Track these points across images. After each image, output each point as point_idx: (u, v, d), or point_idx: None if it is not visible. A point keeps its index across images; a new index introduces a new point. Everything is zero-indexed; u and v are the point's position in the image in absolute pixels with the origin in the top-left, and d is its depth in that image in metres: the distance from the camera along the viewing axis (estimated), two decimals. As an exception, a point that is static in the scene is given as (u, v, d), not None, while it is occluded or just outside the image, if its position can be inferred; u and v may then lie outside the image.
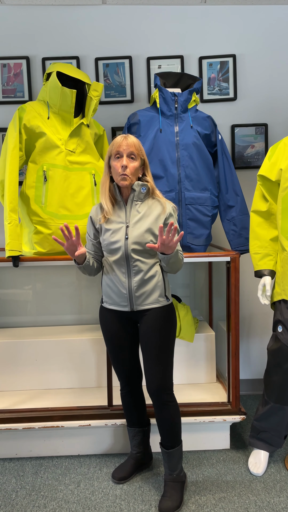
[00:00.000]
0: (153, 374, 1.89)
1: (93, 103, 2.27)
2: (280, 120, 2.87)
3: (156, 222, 1.85)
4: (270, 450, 2.20)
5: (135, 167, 1.83)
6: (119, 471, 2.11)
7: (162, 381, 1.89)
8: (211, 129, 2.43)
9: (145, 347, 1.90)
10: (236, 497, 1.99)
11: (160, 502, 1.91)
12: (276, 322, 2.09)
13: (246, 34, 2.82)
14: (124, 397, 2.09)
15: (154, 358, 1.89)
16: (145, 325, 1.90)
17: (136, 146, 1.84)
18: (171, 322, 1.94)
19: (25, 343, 2.52)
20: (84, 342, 2.54)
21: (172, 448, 1.93)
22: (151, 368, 1.89)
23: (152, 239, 1.85)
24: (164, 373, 1.90)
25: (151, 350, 1.89)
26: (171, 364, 1.93)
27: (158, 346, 1.89)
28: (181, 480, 1.97)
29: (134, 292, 1.88)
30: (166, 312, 1.92)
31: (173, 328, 1.94)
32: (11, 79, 2.79)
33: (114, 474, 2.11)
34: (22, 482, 2.12)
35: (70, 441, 2.32)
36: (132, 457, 2.15)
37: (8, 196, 2.16)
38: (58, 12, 2.78)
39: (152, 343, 1.89)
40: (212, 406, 2.31)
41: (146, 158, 1.90)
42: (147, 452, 2.17)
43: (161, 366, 1.89)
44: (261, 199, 2.17)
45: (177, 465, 1.95)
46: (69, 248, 1.81)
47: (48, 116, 2.26)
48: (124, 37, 2.80)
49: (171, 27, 2.80)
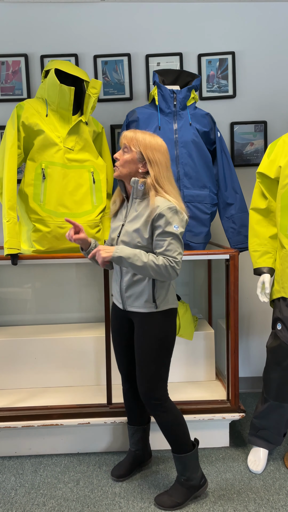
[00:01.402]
0: (139, 379, 1.87)
1: (91, 101, 2.26)
2: (279, 118, 2.87)
3: (145, 224, 1.76)
4: (269, 448, 2.20)
5: (126, 160, 1.79)
6: (118, 469, 2.12)
7: (148, 389, 1.86)
8: (210, 126, 2.43)
9: (135, 350, 1.89)
10: (235, 495, 1.99)
11: (159, 494, 1.94)
12: (275, 320, 2.09)
13: (245, 31, 2.81)
14: (125, 393, 2.09)
15: (140, 364, 1.86)
16: (135, 328, 1.89)
17: (128, 138, 1.79)
18: (159, 332, 1.83)
19: (25, 341, 2.52)
20: (83, 340, 2.54)
21: (175, 453, 1.92)
22: (138, 373, 1.88)
23: (139, 240, 1.77)
24: (150, 382, 1.85)
25: (137, 355, 1.87)
26: (159, 374, 1.85)
27: (143, 353, 1.85)
28: (187, 486, 1.93)
29: (124, 291, 1.87)
30: (154, 320, 1.83)
31: (162, 339, 1.83)
32: (9, 76, 2.79)
33: (113, 471, 2.11)
34: (21, 480, 2.12)
35: (69, 439, 2.32)
36: (130, 455, 2.15)
37: (7, 194, 2.15)
38: (56, 10, 2.77)
39: (138, 348, 1.87)
40: (211, 404, 2.31)
41: (149, 154, 1.77)
42: (146, 450, 2.17)
43: (147, 374, 1.85)
44: (260, 196, 2.16)
45: (183, 471, 1.92)
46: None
47: (46, 114, 2.25)
48: (122, 35, 2.79)
49: (170, 24, 2.79)
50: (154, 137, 1.81)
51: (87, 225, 2.31)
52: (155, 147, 1.78)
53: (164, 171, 1.79)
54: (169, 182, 1.81)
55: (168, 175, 1.81)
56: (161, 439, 2.31)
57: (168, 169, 1.82)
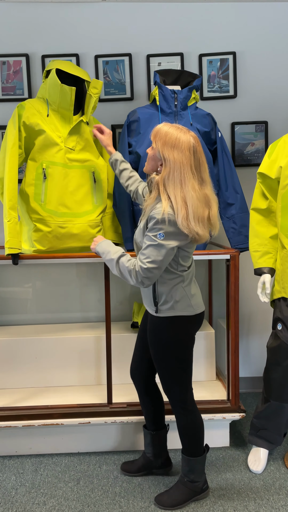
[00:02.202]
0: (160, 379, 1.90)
1: (92, 100, 2.26)
2: (280, 118, 2.87)
3: (145, 225, 1.71)
4: (269, 448, 2.20)
5: (149, 156, 1.72)
6: (128, 464, 2.14)
7: (165, 390, 1.88)
8: (211, 126, 2.43)
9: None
10: (235, 495, 1.99)
11: (159, 494, 1.95)
12: (276, 320, 2.09)
13: (247, 31, 2.81)
14: (137, 391, 2.09)
15: (155, 365, 1.88)
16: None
17: (153, 133, 1.68)
18: (163, 337, 1.79)
19: (25, 341, 2.52)
20: (84, 339, 2.54)
21: (185, 454, 1.91)
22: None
23: (141, 240, 1.73)
24: (165, 384, 1.86)
25: (152, 356, 1.89)
26: (171, 379, 1.83)
27: (152, 354, 1.87)
28: (190, 487, 1.92)
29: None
30: (159, 325, 1.79)
31: (166, 346, 1.79)
32: (10, 76, 2.79)
33: (123, 464, 2.15)
34: (22, 480, 2.13)
35: (69, 439, 2.33)
36: (142, 456, 2.14)
37: (8, 194, 2.15)
38: (57, 9, 2.77)
39: (149, 347, 1.89)
40: (211, 404, 2.31)
41: (165, 152, 1.63)
42: (159, 456, 2.09)
43: (161, 375, 1.87)
44: (261, 196, 2.16)
45: (189, 473, 1.91)
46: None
47: (47, 114, 2.26)
48: (123, 35, 2.79)
49: (171, 24, 2.79)
50: (180, 132, 1.65)
51: (88, 225, 2.32)
52: (175, 144, 1.62)
53: (177, 172, 1.62)
54: (181, 185, 1.62)
55: (184, 177, 1.62)
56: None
57: (189, 169, 1.63)
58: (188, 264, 1.80)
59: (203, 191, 1.67)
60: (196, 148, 1.65)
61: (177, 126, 1.68)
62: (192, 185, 1.63)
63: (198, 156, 1.66)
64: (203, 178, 1.68)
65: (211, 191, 1.71)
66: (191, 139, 1.64)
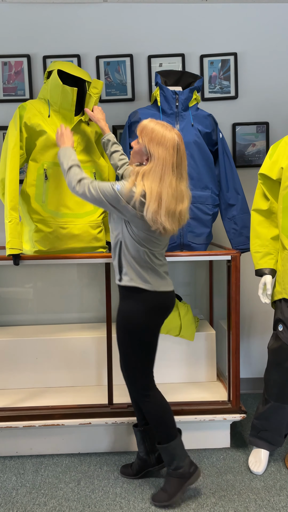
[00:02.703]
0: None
1: (92, 100, 2.27)
2: (281, 119, 2.87)
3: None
4: (270, 449, 2.20)
5: (134, 150, 1.80)
6: (126, 467, 2.15)
7: (125, 377, 1.95)
8: (212, 127, 2.43)
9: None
10: (236, 496, 1.99)
11: (154, 493, 1.97)
12: (277, 321, 2.09)
13: (248, 32, 2.81)
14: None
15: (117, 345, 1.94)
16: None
17: (139, 128, 1.77)
18: (123, 310, 1.87)
19: (26, 341, 2.52)
20: (84, 340, 2.54)
21: (160, 444, 1.94)
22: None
23: (113, 225, 1.88)
24: (125, 369, 1.93)
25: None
26: (130, 361, 1.89)
27: (116, 332, 1.92)
28: (176, 475, 1.93)
29: None
30: (122, 294, 1.88)
31: (126, 320, 1.85)
32: (12, 77, 2.79)
33: (122, 467, 2.16)
34: (23, 480, 2.13)
35: (70, 439, 2.33)
36: (137, 458, 2.14)
37: (9, 194, 2.16)
38: (59, 10, 2.77)
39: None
40: (212, 405, 2.31)
41: (151, 148, 1.72)
42: (152, 452, 2.09)
43: (121, 359, 1.92)
44: (262, 197, 2.16)
45: (170, 461, 1.93)
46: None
47: (48, 115, 2.26)
48: (125, 35, 2.79)
49: (172, 25, 2.80)
50: (165, 129, 1.73)
51: (89, 226, 2.32)
52: (160, 141, 1.71)
53: (159, 168, 1.70)
54: (160, 181, 1.70)
55: (164, 173, 1.70)
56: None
57: (170, 166, 1.71)
58: (156, 250, 1.85)
59: (179, 187, 1.76)
60: (180, 146, 1.75)
61: (162, 123, 1.76)
62: (170, 182, 1.72)
63: (181, 154, 1.75)
64: (182, 174, 1.77)
65: (186, 187, 1.80)
66: (175, 137, 1.74)
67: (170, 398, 2.34)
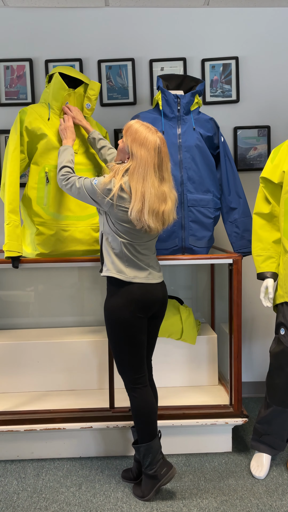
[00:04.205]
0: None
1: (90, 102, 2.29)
2: (282, 122, 2.87)
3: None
4: (272, 453, 2.19)
5: (119, 148, 1.87)
6: (126, 472, 2.14)
7: (117, 369, 1.99)
8: (214, 131, 2.43)
9: None
10: (238, 500, 1.98)
11: (133, 485, 2.07)
12: (279, 325, 2.08)
13: (249, 36, 2.82)
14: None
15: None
16: None
17: (125, 127, 1.85)
18: (107, 301, 1.93)
19: (27, 345, 2.52)
20: (86, 344, 2.54)
21: (134, 443, 2.00)
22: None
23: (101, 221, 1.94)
24: (114, 358, 1.97)
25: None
26: (116, 355, 1.94)
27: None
28: (148, 476, 1.97)
29: None
30: (107, 289, 1.94)
31: (109, 312, 1.90)
32: (14, 81, 2.80)
33: (123, 472, 2.16)
34: (24, 484, 2.12)
35: (71, 443, 2.32)
36: (134, 461, 2.13)
37: (8, 198, 2.16)
38: (61, 14, 2.78)
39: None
40: (214, 409, 2.30)
41: (133, 148, 1.79)
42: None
43: (112, 350, 1.97)
44: (263, 201, 2.16)
45: (143, 461, 1.97)
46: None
47: (48, 117, 2.26)
48: (126, 39, 2.81)
49: (174, 29, 2.81)
50: (148, 131, 1.80)
51: (90, 228, 2.32)
52: (143, 143, 1.78)
53: (141, 169, 1.77)
54: (143, 181, 1.77)
55: (146, 173, 1.77)
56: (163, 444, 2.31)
57: (152, 167, 1.78)
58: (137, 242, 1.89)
59: (161, 188, 1.83)
60: (161, 149, 1.81)
61: (147, 125, 1.84)
62: (153, 182, 1.79)
63: (162, 156, 1.82)
64: (163, 176, 1.84)
65: (169, 189, 1.87)
66: (157, 139, 1.80)
67: (171, 402, 2.35)
